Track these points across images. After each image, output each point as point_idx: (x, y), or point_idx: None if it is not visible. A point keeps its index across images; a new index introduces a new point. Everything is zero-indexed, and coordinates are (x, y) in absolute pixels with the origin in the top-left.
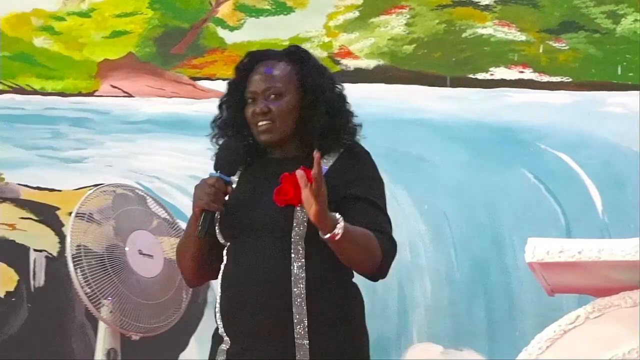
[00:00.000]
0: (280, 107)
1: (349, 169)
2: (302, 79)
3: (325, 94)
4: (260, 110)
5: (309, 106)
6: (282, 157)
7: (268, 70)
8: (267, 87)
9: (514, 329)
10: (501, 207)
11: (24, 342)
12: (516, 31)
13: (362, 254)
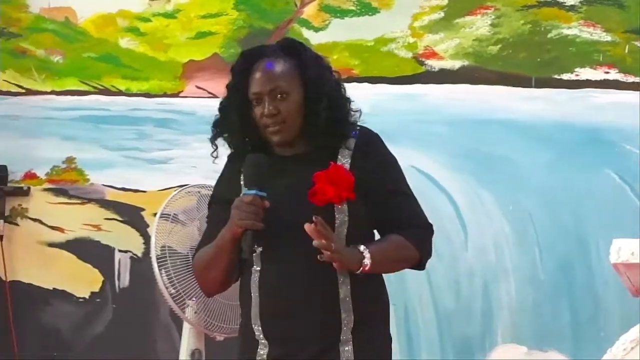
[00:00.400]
0: (289, 107)
1: (369, 157)
2: (302, 73)
3: (326, 87)
4: (269, 113)
5: (312, 100)
6: (292, 154)
7: (269, 66)
8: (272, 87)
9: (599, 330)
10: (586, 208)
11: (109, 342)
12: (601, 32)
13: (396, 265)
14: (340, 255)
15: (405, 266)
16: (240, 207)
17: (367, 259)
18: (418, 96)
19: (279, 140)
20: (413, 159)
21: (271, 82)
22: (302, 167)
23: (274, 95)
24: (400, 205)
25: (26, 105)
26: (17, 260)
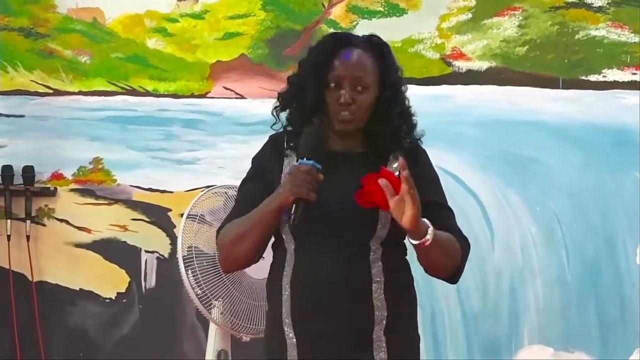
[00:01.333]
0: (364, 101)
1: (417, 170)
2: (382, 75)
3: (400, 95)
4: (346, 101)
5: (385, 102)
6: (344, 151)
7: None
8: (356, 76)
9: (626, 331)
10: (614, 209)
11: (135, 343)
12: (629, 33)
13: (445, 259)
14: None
15: (448, 265)
16: (296, 174)
17: (430, 234)
18: (445, 97)
19: (343, 129)
20: (441, 160)
21: (356, 70)
22: (351, 166)
23: (354, 85)
24: (445, 218)
25: (53, 105)
26: (44, 260)
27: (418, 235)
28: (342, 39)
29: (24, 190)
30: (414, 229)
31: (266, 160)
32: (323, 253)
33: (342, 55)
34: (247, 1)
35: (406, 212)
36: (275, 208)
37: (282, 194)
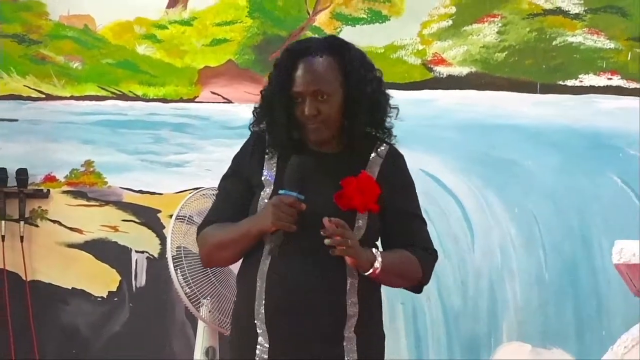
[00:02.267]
0: (329, 109)
1: (394, 177)
2: (345, 73)
3: (368, 89)
4: (310, 114)
5: (352, 101)
6: (326, 152)
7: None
8: (314, 89)
9: (601, 329)
10: (590, 210)
11: (126, 340)
12: (605, 39)
13: (399, 280)
14: (355, 252)
15: (405, 283)
16: (279, 207)
17: (378, 263)
18: (427, 102)
19: (315, 139)
20: (422, 162)
21: (313, 83)
22: (332, 167)
23: (315, 96)
24: (415, 228)
25: (46, 110)
26: (37, 260)
27: (364, 269)
28: (297, 52)
29: (17, 192)
30: (358, 268)
31: (247, 157)
32: (300, 250)
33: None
34: (234, 8)
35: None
36: (256, 233)
37: (264, 222)
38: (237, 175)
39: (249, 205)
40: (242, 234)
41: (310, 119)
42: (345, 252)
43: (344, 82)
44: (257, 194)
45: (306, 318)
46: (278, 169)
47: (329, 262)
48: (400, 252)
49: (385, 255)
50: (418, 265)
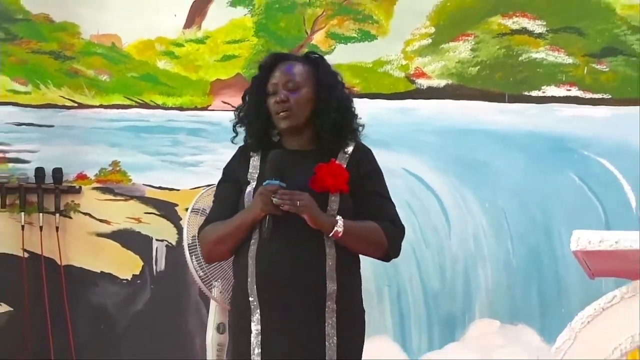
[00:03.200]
0: (298, 98)
1: (361, 165)
2: (318, 78)
3: (337, 93)
4: (280, 99)
5: (322, 100)
6: (298, 149)
7: (289, 67)
8: (287, 80)
9: (561, 307)
10: (552, 205)
11: (148, 317)
12: (565, 55)
13: (365, 244)
14: (309, 211)
15: (373, 249)
16: (266, 195)
17: (339, 227)
18: (410, 110)
19: (284, 125)
20: (405, 162)
21: (287, 75)
22: (306, 161)
23: (287, 87)
24: (382, 206)
25: (78, 117)
26: (70, 248)
27: (327, 231)
28: (279, 57)
29: (53, 189)
30: (318, 227)
31: (235, 164)
32: (284, 235)
33: (281, 67)
34: (242, 28)
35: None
36: (249, 222)
37: (255, 211)
38: (228, 180)
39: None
40: (237, 226)
41: (280, 105)
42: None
43: (316, 85)
44: (243, 190)
45: (291, 291)
46: (260, 168)
47: (310, 243)
48: (365, 221)
49: (347, 221)
50: (382, 233)
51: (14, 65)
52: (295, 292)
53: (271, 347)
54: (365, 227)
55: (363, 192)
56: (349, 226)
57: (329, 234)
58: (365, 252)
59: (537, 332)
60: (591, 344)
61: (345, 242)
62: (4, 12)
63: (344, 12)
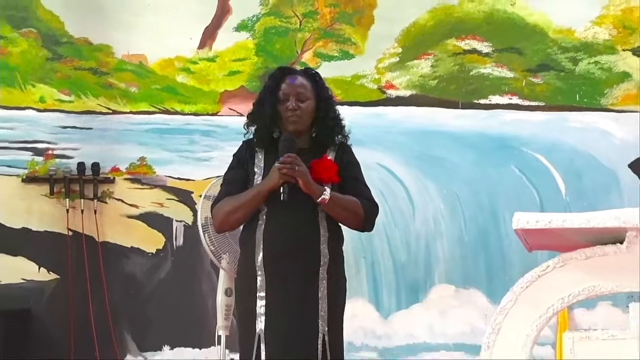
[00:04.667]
0: (306, 107)
1: (344, 157)
2: (317, 92)
3: (332, 105)
4: (292, 107)
5: (321, 111)
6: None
7: (297, 81)
8: (298, 91)
9: (505, 275)
10: (497, 191)
11: (169, 285)
12: (507, 70)
13: (346, 213)
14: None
15: (352, 218)
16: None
17: (326, 194)
18: (381, 115)
19: (293, 128)
20: (378, 158)
21: (297, 88)
22: (304, 156)
23: (297, 97)
24: (360, 189)
25: (113, 121)
26: (107, 227)
27: (316, 196)
28: (285, 70)
29: (92, 179)
30: (309, 192)
31: (243, 154)
32: (285, 214)
33: (288, 79)
34: (245, 49)
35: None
36: (267, 189)
37: (272, 181)
38: (238, 167)
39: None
40: (254, 195)
41: (292, 112)
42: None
43: (317, 98)
44: (251, 179)
45: (291, 263)
46: (265, 162)
47: (307, 225)
48: (349, 195)
49: (334, 192)
50: (360, 206)
51: (60, 80)
52: (295, 263)
53: (273, 308)
54: (347, 199)
55: (346, 177)
56: (335, 196)
57: (318, 199)
58: (345, 220)
59: (485, 295)
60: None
61: (330, 209)
62: (52, 36)
63: (327, 36)
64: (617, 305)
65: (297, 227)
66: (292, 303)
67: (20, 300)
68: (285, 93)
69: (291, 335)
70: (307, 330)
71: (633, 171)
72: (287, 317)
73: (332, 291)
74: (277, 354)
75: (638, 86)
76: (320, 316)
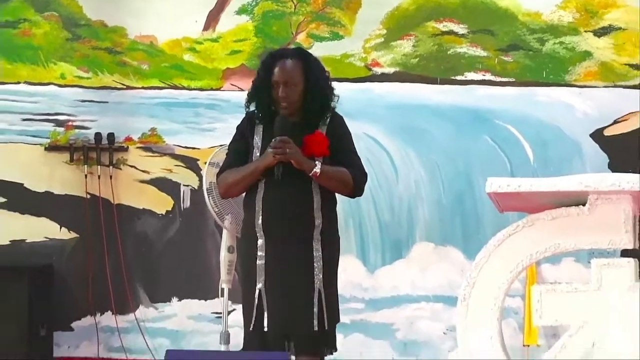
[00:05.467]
0: (294, 94)
1: (336, 129)
2: (306, 72)
3: (321, 82)
4: (282, 96)
5: (310, 90)
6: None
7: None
8: (286, 80)
9: (479, 234)
10: (472, 159)
11: (177, 242)
12: (481, 50)
13: (337, 183)
14: (296, 157)
15: (342, 187)
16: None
17: (317, 169)
18: (368, 90)
19: (285, 113)
20: (365, 128)
21: (286, 76)
22: (297, 130)
23: (286, 84)
24: (352, 159)
25: (126, 95)
26: (121, 191)
27: (308, 171)
28: (276, 55)
29: (108, 148)
30: (301, 168)
31: (245, 127)
32: (283, 184)
33: (278, 65)
34: (245, 31)
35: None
36: (263, 167)
37: (268, 160)
38: (240, 139)
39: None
40: (252, 171)
41: (282, 98)
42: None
43: (305, 77)
44: (251, 152)
45: (289, 225)
46: (264, 135)
47: (301, 188)
48: (340, 167)
49: (324, 165)
50: (349, 176)
51: (78, 58)
52: (292, 225)
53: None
54: (338, 170)
55: (339, 148)
56: (325, 169)
57: (310, 174)
58: (337, 189)
59: (461, 252)
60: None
61: (321, 181)
62: (72, 19)
63: (319, 19)
64: (580, 261)
65: (292, 194)
66: (290, 261)
67: (44, 257)
68: (276, 81)
69: (290, 290)
70: (304, 286)
71: (594, 140)
72: (286, 274)
73: (326, 250)
74: (277, 308)
75: (598, 64)
76: (315, 274)
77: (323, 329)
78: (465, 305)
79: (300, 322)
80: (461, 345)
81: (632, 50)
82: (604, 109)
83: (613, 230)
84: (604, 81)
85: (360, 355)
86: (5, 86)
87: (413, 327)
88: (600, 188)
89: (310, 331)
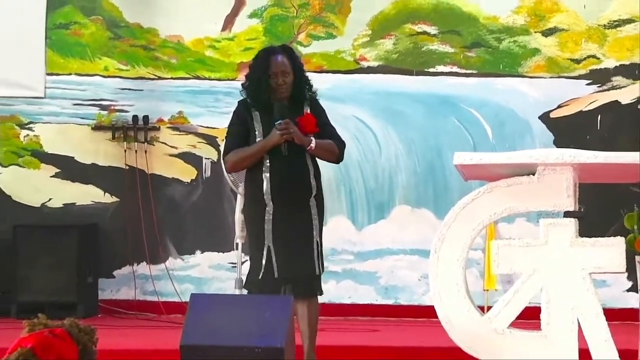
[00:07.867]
0: (289, 81)
1: (316, 108)
2: (293, 64)
3: (303, 72)
4: (281, 84)
5: (298, 79)
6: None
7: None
8: (283, 70)
9: (447, 199)
10: (442, 137)
11: (200, 205)
12: (449, 47)
13: (327, 153)
14: (297, 135)
15: (330, 156)
16: None
17: (313, 143)
18: (357, 80)
19: (282, 97)
20: (354, 112)
21: (282, 67)
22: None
23: (282, 74)
24: (332, 131)
25: (158, 84)
26: (154, 163)
27: (305, 146)
28: (269, 50)
29: (143, 127)
30: (301, 144)
31: (242, 112)
32: (285, 157)
33: (273, 58)
34: (256, 31)
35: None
36: (271, 145)
37: (275, 139)
38: (238, 122)
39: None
40: (259, 149)
41: (281, 86)
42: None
43: (293, 69)
44: (252, 135)
45: (291, 191)
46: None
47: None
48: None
49: (317, 140)
50: (335, 146)
51: (119, 54)
52: (293, 192)
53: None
54: (326, 142)
55: (320, 125)
56: (318, 142)
57: (307, 147)
58: (326, 158)
59: (433, 213)
60: (466, 220)
61: (315, 152)
62: (113, 21)
63: (317, 21)
64: (530, 221)
65: (294, 166)
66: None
67: (90, 217)
68: (274, 72)
69: (295, 243)
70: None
71: (542, 121)
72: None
73: (318, 212)
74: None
75: (545, 59)
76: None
77: (319, 272)
78: (436, 257)
79: (305, 266)
80: (433, 289)
81: (573, 47)
82: (550, 95)
83: (557, 195)
84: (550, 73)
85: (349, 298)
86: (59, 77)
87: (393, 275)
88: (547, 161)
89: (312, 273)
